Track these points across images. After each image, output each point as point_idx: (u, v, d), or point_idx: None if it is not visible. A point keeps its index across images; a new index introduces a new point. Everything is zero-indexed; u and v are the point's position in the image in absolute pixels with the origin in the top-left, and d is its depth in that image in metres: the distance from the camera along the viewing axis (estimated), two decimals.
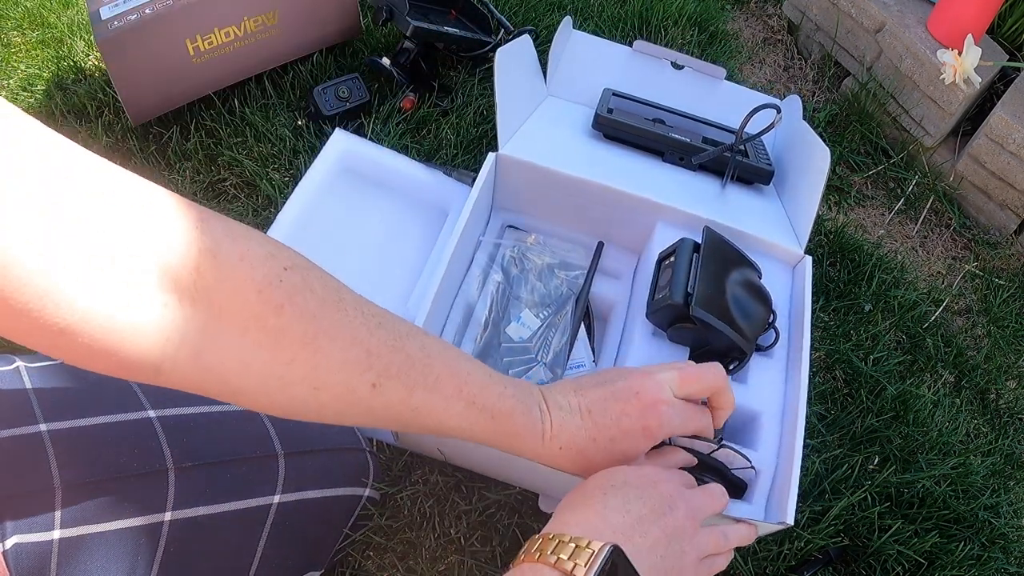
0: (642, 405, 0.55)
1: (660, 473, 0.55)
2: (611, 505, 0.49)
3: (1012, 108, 1.14)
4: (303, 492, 0.65)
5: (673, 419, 0.56)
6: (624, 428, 0.55)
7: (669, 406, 0.56)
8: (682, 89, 1.04)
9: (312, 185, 0.93)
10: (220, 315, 0.40)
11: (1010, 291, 1.15)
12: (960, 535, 0.87)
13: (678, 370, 0.58)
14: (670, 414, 0.56)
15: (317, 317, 0.44)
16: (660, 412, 0.56)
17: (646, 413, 0.55)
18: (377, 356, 0.46)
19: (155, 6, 0.95)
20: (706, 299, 0.72)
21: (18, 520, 0.50)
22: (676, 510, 0.51)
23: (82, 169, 0.36)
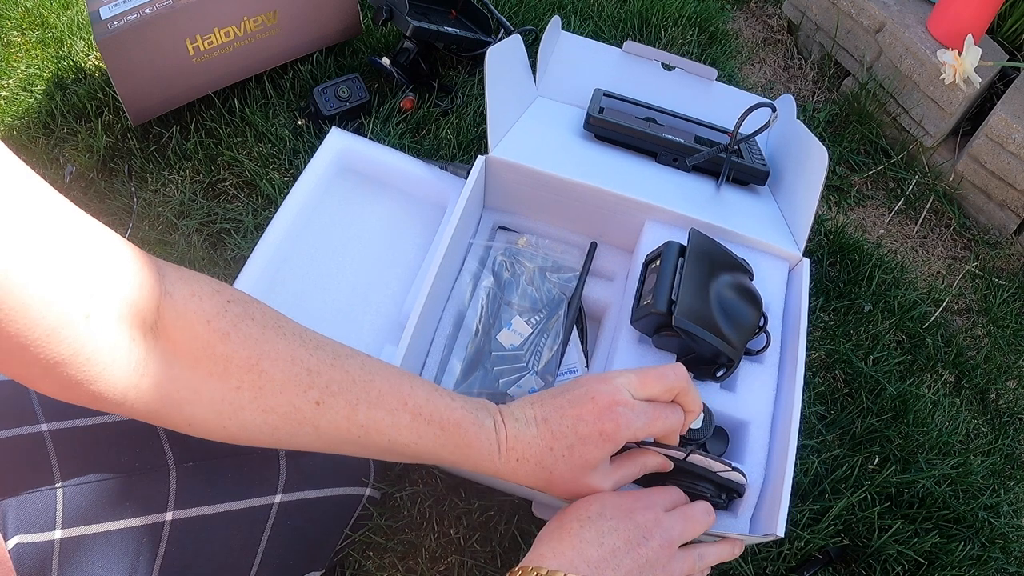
0: (598, 409, 0.54)
1: (639, 500, 0.55)
2: (586, 538, 0.51)
3: (1012, 108, 1.14)
4: (304, 492, 0.65)
5: (633, 421, 0.54)
6: (581, 434, 0.53)
7: (627, 408, 0.54)
8: (674, 90, 1.04)
9: (309, 184, 0.93)
10: (176, 348, 0.45)
11: (1010, 291, 1.16)
12: (960, 535, 0.87)
13: (636, 373, 0.57)
14: (629, 416, 0.54)
15: (259, 341, 0.47)
16: (617, 414, 0.54)
17: (602, 417, 0.53)
18: (318, 374, 0.49)
19: (155, 6, 0.95)
20: (690, 308, 0.70)
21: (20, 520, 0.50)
22: (650, 540, 0.52)
23: (58, 219, 0.40)
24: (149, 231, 0.99)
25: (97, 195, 1.02)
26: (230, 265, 0.96)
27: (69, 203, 0.41)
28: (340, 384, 0.49)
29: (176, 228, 0.99)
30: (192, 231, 0.98)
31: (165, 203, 1.01)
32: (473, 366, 0.81)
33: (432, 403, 0.52)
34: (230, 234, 0.98)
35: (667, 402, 0.58)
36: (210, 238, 0.99)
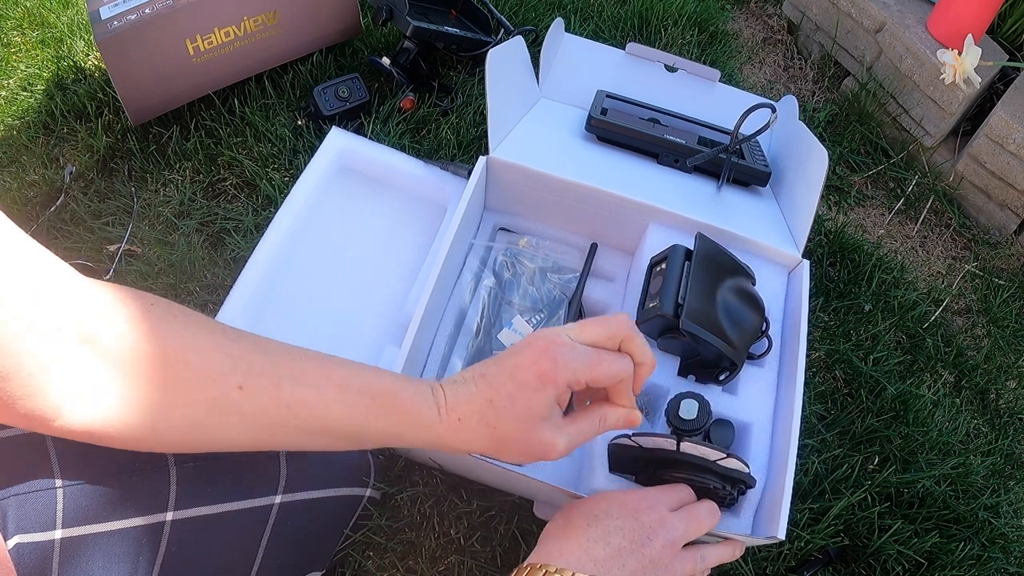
0: (535, 352, 0.51)
1: (644, 500, 0.54)
2: (592, 536, 0.51)
3: (1012, 108, 1.14)
4: (304, 492, 0.65)
5: (571, 360, 0.51)
6: (520, 380, 0.50)
7: (566, 347, 0.51)
8: (676, 91, 1.04)
9: (310, 184, 0.93)
10: (106, 356, 0.45)
11: (1010, 291, 1.16)
12: (960, 535, 0.87)
13: (578, 322, 0.54)
14: (567, 355, 0.51)
15: (182, 335, 0.48)
16: (555, 354, 0.50)
17: (539, 358, 0.50)
18: (239, 358, 0.48)
19: (155, 6, 0.95)
20: (696, 311, 0.70)
21: (20, 519, 0.50)
22: (654, 540, 0.52)
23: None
24: (149, 231, 0.99)
25: (97, 195, 1.02)
26: (230, 265, 0.96)
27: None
28: (262, 366, 0.49)
29: (176, 228, 0.99)
30: (192, 231, 0.98)
31: (165, 203, 1.01)
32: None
33: (360, 376, 0.51)
34: (230, 234, 0.98)
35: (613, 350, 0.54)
36: (210, 238, 0.99)
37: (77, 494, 0.52)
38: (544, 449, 0.52)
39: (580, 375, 0.51)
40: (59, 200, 1.01)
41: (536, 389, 0.50)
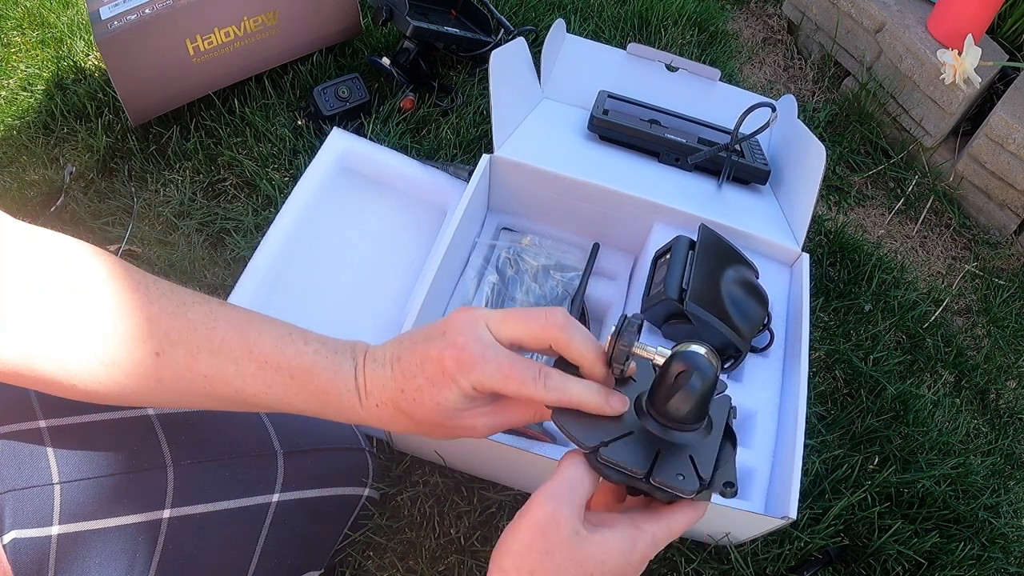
0: (445, 344, 0.46)
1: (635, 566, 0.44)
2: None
3: (1012, 108, 1.14)
4: (302, 491, 0.65)
5: (481, 364, 0.45)
6: (428, 374, 0.46)
7: (479, 346, 0.45)
8: (677, 91, 1.05)
9: (310, 185, 0.93)
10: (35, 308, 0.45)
11: (1010, 291, 1.15)
12: (960, 535, 0.86)
13: (504, 310, 0.48)
14: (477, 356, 0.45)
15: (103, 294, 0.46)
16: (462, 352, 0.45)
17: (445, 353, 0.45)
18: (157, 323, 0.47)
19: (155, 6, 0.95)
20: (701, 295, 0.72)
21: (16, 515, 0.50)
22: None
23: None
24: (149, 231, 0.99)
25: (97, 195, 1.02)
26: (230, 265, 0.96)
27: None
28: (180, 332, 0.47)
29: (176, 228, 0.99)
30: (192, 231, 0.98)
31: (165, 203, 1.01)
32: None
33: (280, 350, 0.48)
34: (230, 234, 0.98)
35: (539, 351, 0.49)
36: (210, 238, 0.99)
37: (75, 491, 0.52)
38: (463, 431, 0.49)
39: (486, 384, 0.46)
40: (59, 200, 1.01)
41: (443, 387, 0.46)
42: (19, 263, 0.45)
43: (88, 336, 0.45)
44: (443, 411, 0.47)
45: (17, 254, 0.46)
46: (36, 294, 0.45)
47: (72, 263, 0.46)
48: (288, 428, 0.65)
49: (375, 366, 0.48)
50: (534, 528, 0.42)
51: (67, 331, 0.45)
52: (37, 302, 0.45)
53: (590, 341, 0.47)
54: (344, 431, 0.71)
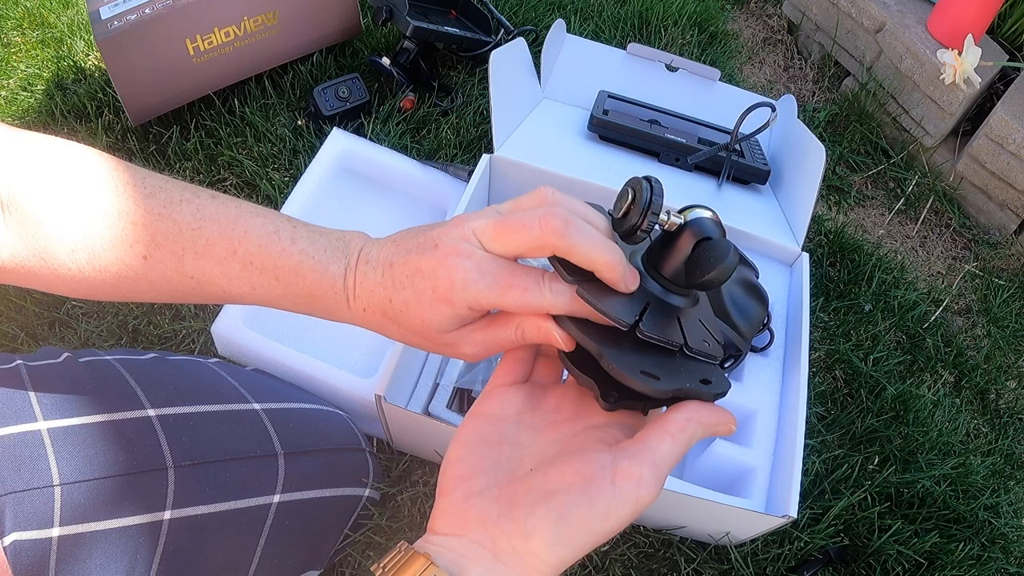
0: (437, 260, 0.42)
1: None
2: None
3: (1012, 108, 1.14)
4: (303, 492, 0.65)
5: (472, 282, 0.41)
6: (417, 289, 0.43)
7: (469, 262, 0.41)
8: (677, 91, 1.05)
9: (311, 185, 0.93)
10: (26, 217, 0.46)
11: (1010, 291, 1.15)
12: (960, 535, 0.86)
13: (496, 219, 0.43)
14: (468, 274, 0.41)
15: (91, 201, 0.47)
16: (453, 270, 0.41)
17: (437, 271, 0.42)
18: (143, 226, 0.47)
19: (155, 6, 0.95)
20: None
21: (17, 517, 0.50)
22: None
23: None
24: None
25: None
26: None
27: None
28: (166, 235, 0.47)
29: None
30: None
31: None
32: None
33: (265, 249, 0.46)
34: None
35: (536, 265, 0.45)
36: None
37: (75, 492, 0.52)
38: (451, 349, 0.45)
39: (483, 301, 0.42)
40: None
41: (431, 307, 0.43)
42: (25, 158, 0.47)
43: (80, 238, 0.46)
44: (431, 328, 0.44)
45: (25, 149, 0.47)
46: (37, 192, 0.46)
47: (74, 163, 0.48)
48: (289, 429, 0.66)
49: (367, 268, 0.45)
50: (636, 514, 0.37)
51: (60, 231, 0.46)
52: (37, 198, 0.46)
53: (595, 239, 0.41)
54: (344, 432, 0.71)
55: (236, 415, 0.63)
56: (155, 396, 0.60)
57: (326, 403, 0.73)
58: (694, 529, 0.76)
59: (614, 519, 0.37)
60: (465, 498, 0.39)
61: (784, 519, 0.65)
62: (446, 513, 0.39)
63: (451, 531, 0.38)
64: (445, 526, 0.39)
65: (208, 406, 0.62)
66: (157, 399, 0.60)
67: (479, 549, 0.37)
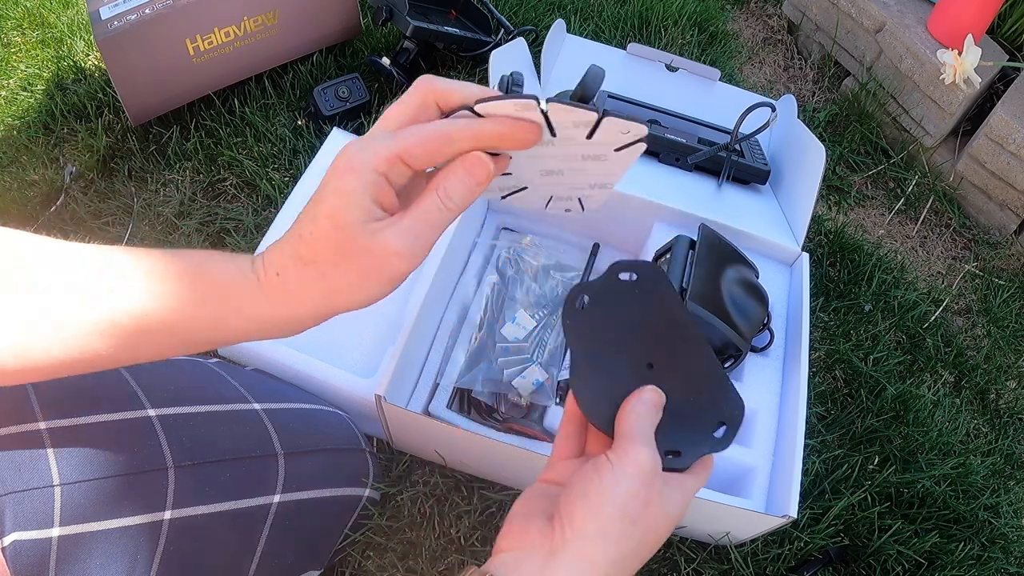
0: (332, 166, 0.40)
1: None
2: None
3: (1012, 108, 1.14)
4: (303, 492, 0.65)
5: (369, 143, 0.40)
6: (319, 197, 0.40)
7: (362, 139, 0.41)
8: (677, 91, 1.05)
9: (311, 185, 0.93)
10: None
11: (1010, 291, 1.15)
12: (960, 535, 0.86)
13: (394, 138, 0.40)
14: (363, 141, 0.40)
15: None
16: (347, 149, 0.40)
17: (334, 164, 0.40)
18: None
19: (155, 6, 0.95)
20: (701, 294, 0.72)
21: (17, 517, 0.50)
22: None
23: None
24: (149, 231, 0.99)
25: (97, 195, 1.02)
26: None
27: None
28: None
29: (176, 228, 0.99)
30: (192, 231, 0.98)
31: (165, 203, 1.01)
32: (477, 358, 0.82)
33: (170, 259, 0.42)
34: (230, 234, 0.98)
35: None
36: (210, 238, 0.99)
37: (75, 492, 0.52)
38: (379, 260, 0.40)
39: (382, 152, 0.40)
40: (59, 200, 1.01)
41: (337, 191, 0.40)
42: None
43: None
44: (344, 227, 0.39)
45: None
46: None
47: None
48: (289, 429, 0.66)
49: (273, 244, 0.43)
50: (641, 479, 0.41)
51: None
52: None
53: (466, 83, 0.42)
54: (344, 432, 0.71)
55: (236, 415, 0.63)
56: (155, 396, 0.60)
57: (326, 403, 0.73)
58: (694, 529, 0.76)
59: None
60: (527, 519, 0.43)
61: (784, 519, 0.65)
62: (509, 532, 0.43)
63: (513, 546, 0.42)
64: (509, 543, 0.42)
65: (208, 406, 0.62)
66: (157, 399, 0.60)
67: (536, 553, 0.41)
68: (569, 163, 0.46)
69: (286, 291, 0.42)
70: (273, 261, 0.42)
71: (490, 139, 0.41)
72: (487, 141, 0.41)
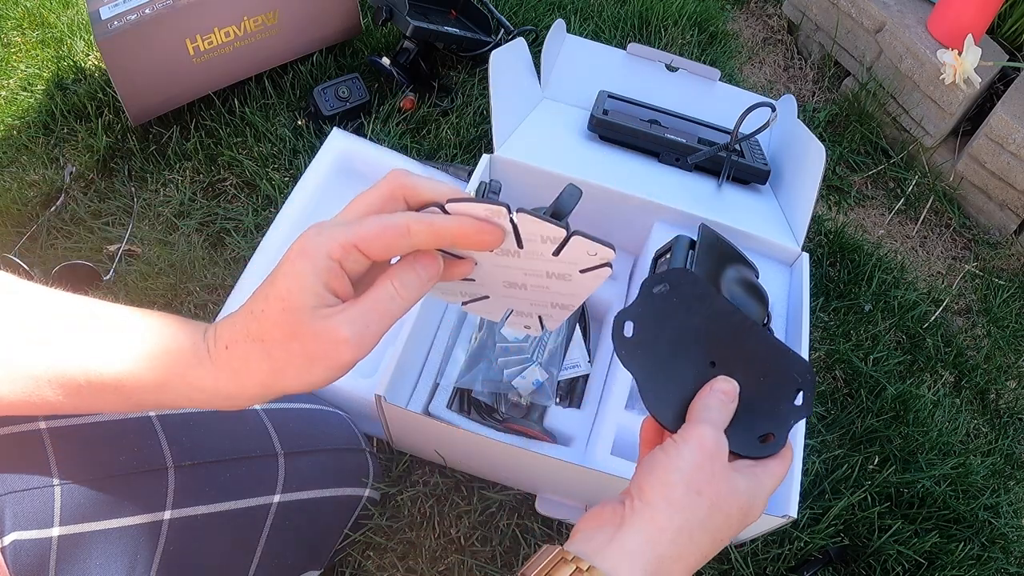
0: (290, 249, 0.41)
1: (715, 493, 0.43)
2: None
3: (1012, 108, 1.14)
4: (303, 492, 0.65)
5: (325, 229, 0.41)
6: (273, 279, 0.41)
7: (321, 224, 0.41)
8: (677, 91, 1.05)
9: (311, 185, 0.93)
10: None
11: (1010, 291, 1.15)
12: (960, 535, 0.86)
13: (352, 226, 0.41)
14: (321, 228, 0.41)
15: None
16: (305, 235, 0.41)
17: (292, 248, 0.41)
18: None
19: (155, 6, 0.95)
20: None
21: (17, 517, 0.50)
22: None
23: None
24: (149, 231, 0.99)
25: (97, 195, 1.02)
26: (230, 265, 0.96)
27: None
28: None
29: (176, 228, 0.99)
30: (192, 231, 0.98)
31: (165, 203, 1.01)
32: (477, 358, 0.82)
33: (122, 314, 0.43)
34: (230, 234, 0.98)
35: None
36: (210, 238, 0.99)
37: (75, 492, 0.52)
38: (327, 346, 0.40)
39: (339, 238, 0.40)
40: (59, 200, 1.01)
41: (289, 274, 0.40)
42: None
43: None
44: (294, 311, 0.40)
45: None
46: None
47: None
48: (288, 429, 0.66)
49: (227, 318, 0.43)
50: (704, 451, 0.43)
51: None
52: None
53: (438, 181, 0.43)
54: (344, 432, 0.71)
55: (236, 415, 0.63)
56: None
57: (326, 403, 0.73)
58: None
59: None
60: (602, 504, 0.45)
61: (784, 519, 0.65)
62: (585, 516, 0.45)
63: (588, 526, 0.44)
64: (585, 524, 0.44)
65: None
66: None
67: (608, 527, 0.42)
68: (533, 279, 0.46)
69: (232, 367, 0.42)
70: (223, 335, 0.42)
71: (448, 236, 0.41)
72: (445, 238, 0.41)
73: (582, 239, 0.42)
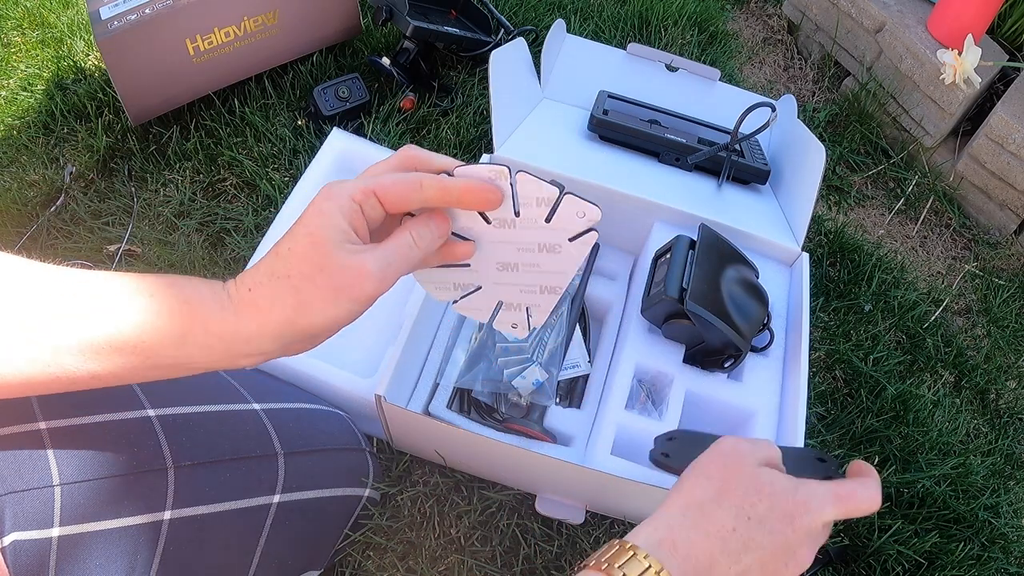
0: (311, 203, 0.45)
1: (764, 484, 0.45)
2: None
3: (1012, 108, 1.14)
4: (303, 492, 0.65)
5: (347, 182, 0.45)
6: (298, 228, 0.44)
7: (342, 180, 0.46)
8: (677, 91, 1.05)
9: (311, 185, 0.93)
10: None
11: (1010, 291, 1.15)
12: (960, 535, 0.86)
13: (371, 177, 0.47)
14: (342, 182, 0.45)
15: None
16: (327, 187, 0.45)
17: (315, 198, 0.45)
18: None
19: (155, 6, 0.95)
20: (701, 294, 0.72)
21: (17, 517, 0.50)
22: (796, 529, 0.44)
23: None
24: (149, 231, 0.99)
25: (97, 195, 1.02)
26: (230, 265, 0.96)
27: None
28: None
29: (176, 228, 0.99)
30: (192, 231, 0.98)
31: (165, 203, 1.01)
32: (477, 358, 0.82)
33: (139, 279, 0.44)
34: (230, 234, 0.98)
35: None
36: (210, 238, 0.99)
37: (75, 492, 0.52)
38: (352, 278, 0.43)
39: (359, 185, 0.45)
40: (59, 200, 1.01)
41: (316, 213, 0.43)
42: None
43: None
44: (321, 245, 0.43)
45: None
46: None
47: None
48: (289, 429, 0.66)
49: (248, 269, 0.46)
50: (717, 449, 0.48)
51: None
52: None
53: (446, 156, 0.49)
54: (344, 432, 0.71)
55: (236, 415, 0.63)
56: (155, 396, 0.60)
57: (326, 403, 0.73)
58: None
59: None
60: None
61: None
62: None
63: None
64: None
65: (208, 406, 0.62)
66: (157, 399, 0.60)
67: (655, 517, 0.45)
68: (526, 255, 0.50)
69: (256, 305, 0.43)
70: (245, 280, 0.44)
71: (456, 193, 0.46)
72: (453, 194, 0.46)
73: (573, 197, 0.47)
